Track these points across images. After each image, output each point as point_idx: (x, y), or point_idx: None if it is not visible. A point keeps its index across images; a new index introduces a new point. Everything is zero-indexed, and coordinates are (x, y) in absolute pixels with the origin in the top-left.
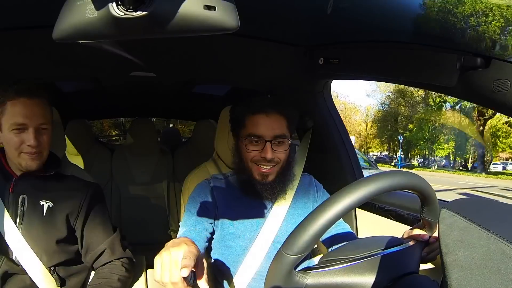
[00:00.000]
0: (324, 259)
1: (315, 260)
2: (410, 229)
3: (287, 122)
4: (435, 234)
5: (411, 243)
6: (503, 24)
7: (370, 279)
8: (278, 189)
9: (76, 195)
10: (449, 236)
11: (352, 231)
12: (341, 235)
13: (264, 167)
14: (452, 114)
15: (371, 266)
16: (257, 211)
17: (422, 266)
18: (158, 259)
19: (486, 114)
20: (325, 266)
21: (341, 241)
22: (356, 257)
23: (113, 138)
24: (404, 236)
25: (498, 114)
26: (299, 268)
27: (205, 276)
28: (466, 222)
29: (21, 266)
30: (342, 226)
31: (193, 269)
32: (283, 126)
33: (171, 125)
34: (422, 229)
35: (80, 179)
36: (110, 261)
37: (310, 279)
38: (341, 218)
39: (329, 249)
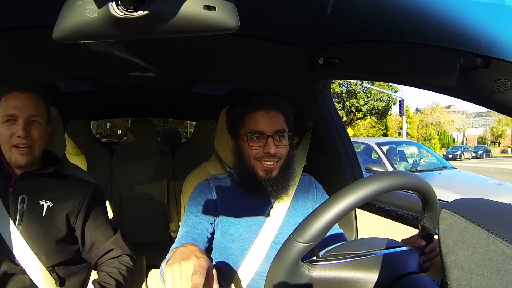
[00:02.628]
0: (329, 253)
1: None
2: (409, 237)
3: (285, 117)
4: (432, 244)
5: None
6: (503, 24)
7: (374, 275)
8: (281, 184)
9: (75, 194)
10: (449, 236)
11: (343, 232)
12: (333, 237)
13: (268, 162)
14: None
15: (375, 263)
16: (257, 211)
17: None
18: (168, 271)
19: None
20: (331, 259)
21: (332, 242)
22: (361, 253)
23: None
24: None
25: None
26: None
27: (216, 286)
28: (466, 222)
29: (21, 266)
30: (336, 230)
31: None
32: (282, 121)
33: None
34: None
35: (80, 179)
36: (117, 256)
37: (315, 272)
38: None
39: (320, 252)
